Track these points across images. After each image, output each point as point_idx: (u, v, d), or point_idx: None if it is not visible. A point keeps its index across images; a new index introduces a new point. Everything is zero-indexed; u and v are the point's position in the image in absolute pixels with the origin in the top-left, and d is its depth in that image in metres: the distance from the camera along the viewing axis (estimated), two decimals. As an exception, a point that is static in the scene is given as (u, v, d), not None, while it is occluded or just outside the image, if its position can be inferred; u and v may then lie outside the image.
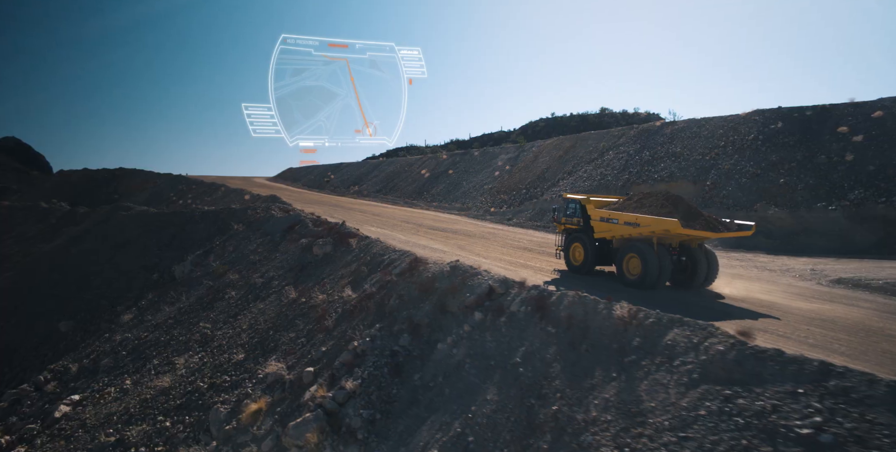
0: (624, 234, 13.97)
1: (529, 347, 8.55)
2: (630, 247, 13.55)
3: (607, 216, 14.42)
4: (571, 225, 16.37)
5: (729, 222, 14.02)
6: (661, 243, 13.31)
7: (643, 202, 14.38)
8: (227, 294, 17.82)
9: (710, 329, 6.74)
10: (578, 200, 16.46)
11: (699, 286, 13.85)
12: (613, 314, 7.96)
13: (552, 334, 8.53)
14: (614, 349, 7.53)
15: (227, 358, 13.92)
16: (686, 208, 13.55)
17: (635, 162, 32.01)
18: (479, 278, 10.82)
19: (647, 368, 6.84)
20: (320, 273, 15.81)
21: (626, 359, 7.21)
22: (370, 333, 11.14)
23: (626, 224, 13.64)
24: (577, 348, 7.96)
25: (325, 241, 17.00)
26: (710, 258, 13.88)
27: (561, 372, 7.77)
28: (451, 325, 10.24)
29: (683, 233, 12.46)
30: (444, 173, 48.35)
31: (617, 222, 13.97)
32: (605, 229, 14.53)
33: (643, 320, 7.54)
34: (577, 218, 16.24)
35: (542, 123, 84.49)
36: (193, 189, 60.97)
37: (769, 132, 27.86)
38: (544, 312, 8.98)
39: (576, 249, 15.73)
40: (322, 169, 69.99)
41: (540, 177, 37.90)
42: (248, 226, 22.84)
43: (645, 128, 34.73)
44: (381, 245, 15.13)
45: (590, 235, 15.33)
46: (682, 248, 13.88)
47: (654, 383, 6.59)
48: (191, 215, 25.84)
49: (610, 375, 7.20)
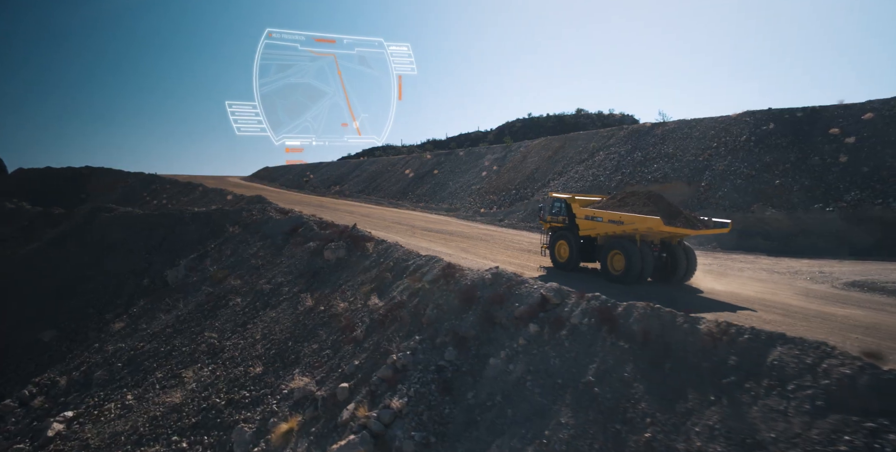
0: (608, 231, 14.39)
1: (602, 364, 7.91)
2: (614, 244, 14.02)
3: (592, 215, 14.83)
4: (557, 223, 16.80)
5: (707, 219, 14.58)
6: (643, 241, 13.82)
7: (626, 201, 14.79)
8: (232, 301, 16.76)
9: (823, 348, 6.20)
10: (564, 198, 16.79)
11: (679, 281, 14.37)
12: (698, 329, 7.39)
13: (626, 350, 7.91)
14: (705, 368, 6.95)
15: (242, 371, 12.94)
16: (667, 207, 14.03)
17: (627, 163, 31.80)
18: (526, 287, 10.15)
19: (754, 392, 6.27)
20: (336, 279, 14.91)
21: (724, 381, 6.62)
22: (409, 346, 10.36)
23: (611, 222, 14.08)
24: (660, 366, 7.37)
25: (337, 245, 16.07)
26: (689, 255, 14.44)
27: (646, 394, 7.16)
28: (502, 338, 9.54)
29: (665, 230, 12.91)
30: (429, 174, 47.56)
31: (601, 220, 14.42)
32: (590, 227, 14.93)
33: (735, 336, 6.98)
34: (562, 216, 16.68)
35: (518, 123, 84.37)
36: (168, 189, 58.84)
37: (761, 134, 27.90)
38: (612, 325, 8.36)
39: (561, 246, 16.12)
40: (300, 169, 68.44)
41: (529, 177, 37.46)
42: (245, 228, 21.71)
43: (635, 129, 34.57)
44: (402, 250, 14.31)
45: (575, 232, 15.71)
46: (663, 245, 14.35)
47: (767, 409, 6.01)
48: (180, 217, 24.50)
49: (707, 398, 6.61)
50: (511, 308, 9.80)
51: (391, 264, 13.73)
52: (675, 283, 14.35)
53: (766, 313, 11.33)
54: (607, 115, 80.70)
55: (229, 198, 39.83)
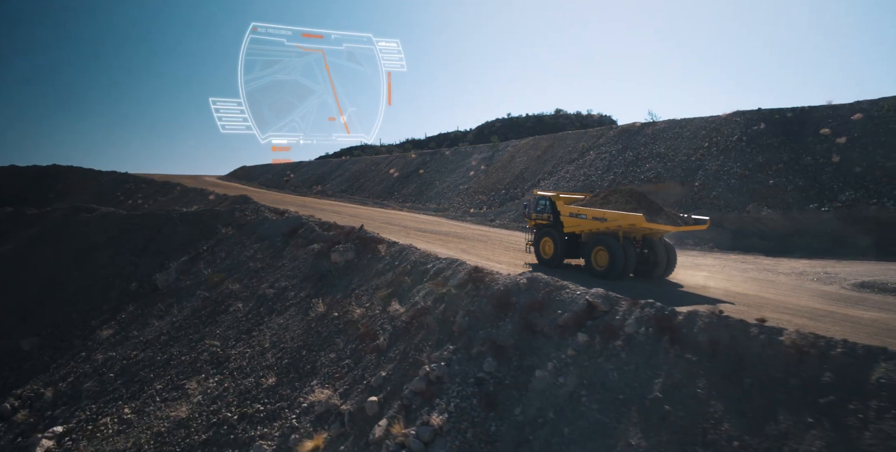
0: (592, 228, 14.51)
1: (668, 378, 7.31)
2: (598, 240, 14.23)
3: (576, 212, 14.98)
4: (542, 220, 16.85)
5: (687, 216, 14.86)
6: (626, 237, 14.02)
7: (609, 199, 15.00)
8: (233, 307, 15.76)
9: (933, 365, 5.69)
10: (549, 196, 16.85)
11: (659, 277, 14.65)
12: (779, 341, 6.83)
13: (694, 362, 7.32)
14: (794, 385, 6.39)
15: (253, 383, 12.02)
16: (649, 204, 14.25)
17: (619, 162, 31.50)
18: (568, 292, 9.49)
19: (862, 414, 5.72)
20: (347, 284, 14.07)
21: (822, 401, 6.07)
22: (443, 356, 9.62)
23: (595, 219, 14.23)
24: (737, 382, 6.79)
25: (345, 247, 15.19)
26: (670, 251, 14.76)
27: (726, 413, 6.58)
28: (546, 348, 8.87)
29: (647, 227, 13.12)
30: (414, 173, 46.72)
31: (585, 217, 14.59)
32: (574, 224, 15.04)
33: (826, 349, 6.44)
34: (546, 214, 16.70)
35: (498, 123, 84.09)
36: (143, 188, 56.79)
37: (752, 134, 27.84)
38: (673, 335, 7.77)
39: (546, 243, 16.22)
40: (280, 168, 66.87)
41: (519, 177, 36.96)
42: (239, 230, 20.64)
43: (625, 128, 34.32)
44: (418, 253, 13.52)
45: (559, 229, 15.80)
46: (644, 241, 14.58)
47: (883, 436, 5.47)
48: (168, 217, 23.23)
49: (803, 420, 6.05)
50: (553, 316, 9.15)
51: (408, 267, 12.94)
52: (657, 278, 14.57)
53: (795, 317, 10.90)
54: (586, 115, 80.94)
55: (212, 198, 38.41)
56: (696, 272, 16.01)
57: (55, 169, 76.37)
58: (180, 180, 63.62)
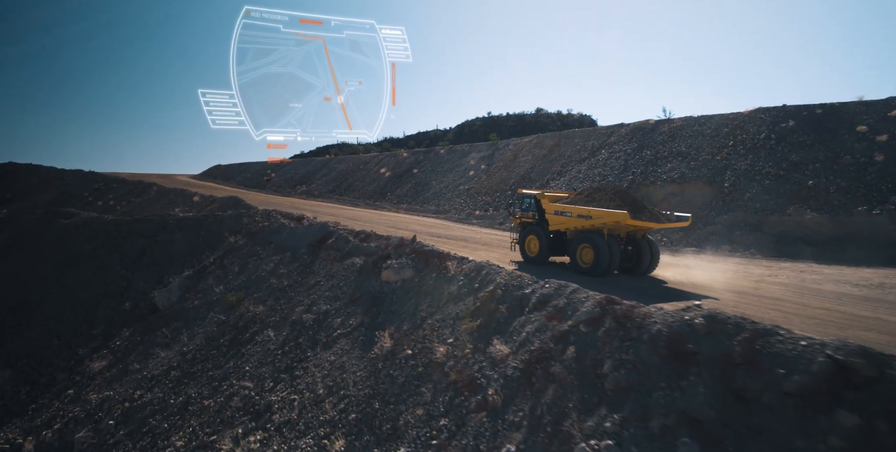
0: (577, 226, 14.43)
1: None
2: (583, 238, 14.10)
3: (561, 210, 14.94)
4: (527, 219, 16.76)
5: (669, 213, 14.70)
6: (610, 234, 13.96)
7: (593, 197, 14.99)
8: (260, 335, 12.66)
9: None
10: (533, 195, 16.81)
11: (643, 273, 14.64)
12: None
13: None
14: None
15: (314, 446, 9.06)
16: (633, 202, 14.19)
17: (636, 162, 29.25)
18: (784, 341, 6.81)
19: None
20: (412, 310, 11.10)
21: None
22: (604, 428, 6.88)
23: (580, 217, 14.20)
24: None
25: (400, 263, 12.20)
26: (653, 248, 14.71)
27: None
28: (777, 428, 6.16)
29: (632, 224, 13.17)
30: (407, 173, 43.66)
31: (570, 215, 14.54)
32: (560, 222, 15.00)
33: None
34: (532, 212, 16.58)
35: (478, 122, 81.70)
36: (115, 189, 52.02)
37: (781, 131, 25.93)
38: None
39: (531, 241, 16.14)
40: (259, 167, 62.76)
41: (524, 177, 34.39)
42: (251, 238, 17.38)
43: (638, 125, 32.10)
44: (504, 272, 10.73)
45: (545, 227, 15.73)
46: (628, 238, 14.54)
47: None
48: (163, 223, 19.70)
49: None
50: (772, 377, 6.48)
51: (498, 292, 10.08)
52: (640, 274, 14.57)
53: None
54: (566, 115, 79.47)
55: (196, 199, 34.59)
56: (771, 284, 13.74)
57: (12, 167, 70.14)
58: (152, 180, 59.11)
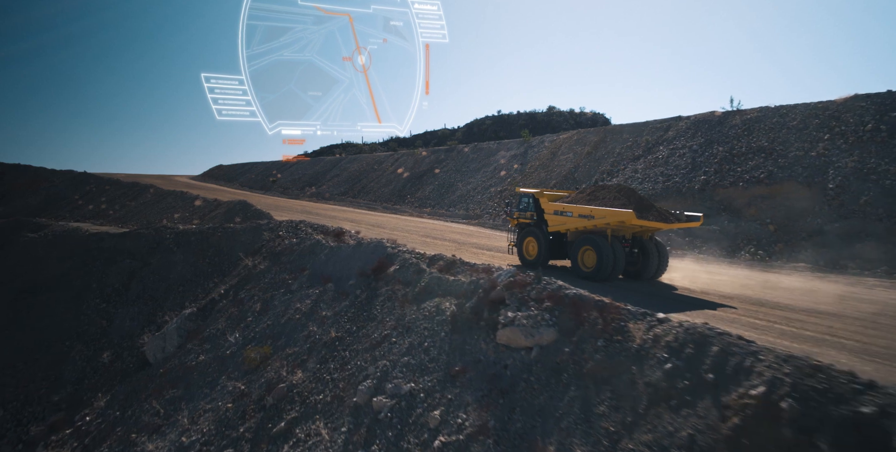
0: (578, 226, 13.20)
1: None
2: (585, 240, 12.89)
3: (561, 210, 13.75)
4: (525, 219, 15.51)
5: (679, 213, 13.22)
6: (614, 236, 12.67)
7: (596, 195, 13.72)
8: (304, 428, 7.77)
9: None
10: (532, 193, 15.46)
11: (651, 278, 13.33)
12: None
13: None
14: None
15: None
16: (639, 200, 12.88)
17: (707, 159, 24.48)
18: None
19: None
20: (579, 414, 6.07)
21: None
22: None
23: (581, 217, 13.00)
24: None
25: (529, 317, 7.30)
26: (661, 250, 13.38)
27: None
28: None
29: (638, 224, 11.89)
30: (428, 173, 38.72)
31: (571, 215, 13.36)
32: (560, 223, 13.79)
33: None
34: (530, 212, 15.32)
35: (488, 121, 77.08)
36: (108, 191, 46.62)
37: (893, 121, 21.28)
38: None
39: (529, 243, 14.95)
40: (263, 167, 57.59)
41: (568, 178, 29.55)
42: (276, 261, 12.41)
43: (702, 118, 27.31)
44: (770, 353, 5.81)
45: (543, 229, 14.48)
46: (634, 240, 13.37)
47: None
48: (157, 240, 14.66)
49: None
50: None
51: (781, 405, 5.21)
52: (647, 279, 13.29)
53: None
54: (579, 113, 75.20)
55: (198, 203, 29.50)
56: None
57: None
58: (150, 181, 53.84)
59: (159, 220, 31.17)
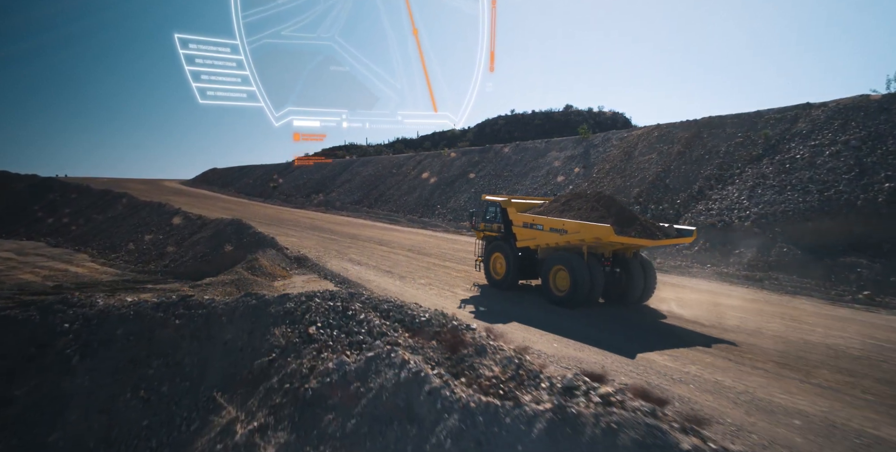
0: (550, 242, 10.88)
1: None
2: (557, 258, 10.68)
3: (531, 222, 11.32)
4: (491, 232, 13.04)
5: (668, 226, 10.65)
6: (591, 253, 10.32)
7: (571, 205, 11.32)
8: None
9: None
10: (499, 202, 12.96)
11: (636, 302, 10.83)
12: None
13: None
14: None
15: None
16: (619, 212, 10.48)
17: (879, 160, 16.66)
18: None
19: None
20: None
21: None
22: None
23: (553, 231, 10.66)
24: None
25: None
26: (647, 270, 10.80)
27: None
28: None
29: (617, 241, 9.60)
30: (461, 178, 30.75)
31: (542, 228, 10.98)
32: (529, 237, 11.37)
33: None
34: (497, 224, 12.86)
35: (501, 120, 69.40)
36: (74, 201, 37.98)
37: None
38: None
39: (497, 259, 12.51)
40: (263, 171, 49.38)
41: (656, 185, 21.69)
42: (306, 421, 4.49)
43: (850, 104, 19.47)
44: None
45: (512, 243, 12.02)
46: (615, 258, 10.80)
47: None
48: (39, 335, 6.63)
49: None
50: None
51: None
52: (631, 304, 10.77)
53: None
54: (597, 112, 67.86)
55: (177, 222, 21.41)
56: None
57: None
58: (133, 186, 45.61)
59: (125, 241, 23.05)
